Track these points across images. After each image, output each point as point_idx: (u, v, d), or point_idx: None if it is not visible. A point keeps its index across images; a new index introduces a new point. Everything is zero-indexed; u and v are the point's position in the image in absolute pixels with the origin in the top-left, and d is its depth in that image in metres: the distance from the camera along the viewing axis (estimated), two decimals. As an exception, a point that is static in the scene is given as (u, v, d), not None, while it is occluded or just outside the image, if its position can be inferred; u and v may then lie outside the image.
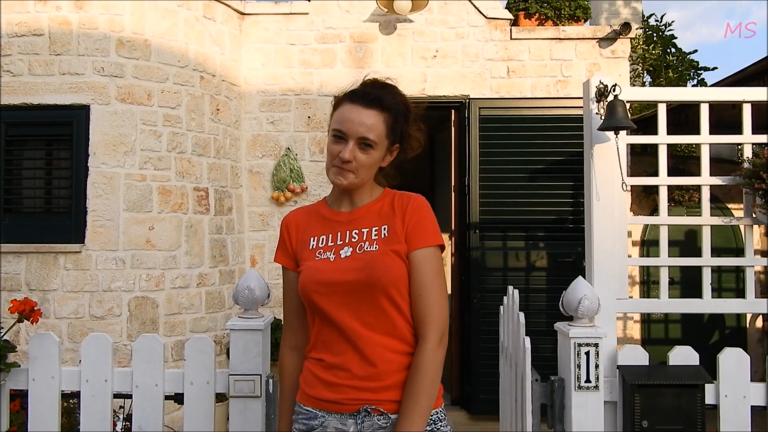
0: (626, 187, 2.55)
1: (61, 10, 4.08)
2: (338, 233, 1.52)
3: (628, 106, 2.61)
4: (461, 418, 4.64)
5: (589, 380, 2.05)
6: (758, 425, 2.25)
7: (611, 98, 2.55)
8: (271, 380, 2.06)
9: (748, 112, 2.68)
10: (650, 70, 9.52)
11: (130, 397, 2.15)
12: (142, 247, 4.12)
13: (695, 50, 12.63)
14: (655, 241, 4.61)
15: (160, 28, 4.25)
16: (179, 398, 2.14)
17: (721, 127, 3.10)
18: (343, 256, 1.47)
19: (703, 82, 10.34)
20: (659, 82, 9.51)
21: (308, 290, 1.47)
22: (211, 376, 2.11)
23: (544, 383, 2.19)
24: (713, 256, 2.74)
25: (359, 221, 1.52)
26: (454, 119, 5.01)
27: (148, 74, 4.19)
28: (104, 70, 4.09)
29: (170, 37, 4.29)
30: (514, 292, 2.48)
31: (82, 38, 4.08)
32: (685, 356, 2.21)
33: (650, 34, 10.00)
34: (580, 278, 2.15)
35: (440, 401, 1.49)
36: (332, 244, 1.51)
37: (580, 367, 2.04)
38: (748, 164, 2.71)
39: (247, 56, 4.92)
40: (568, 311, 2.12)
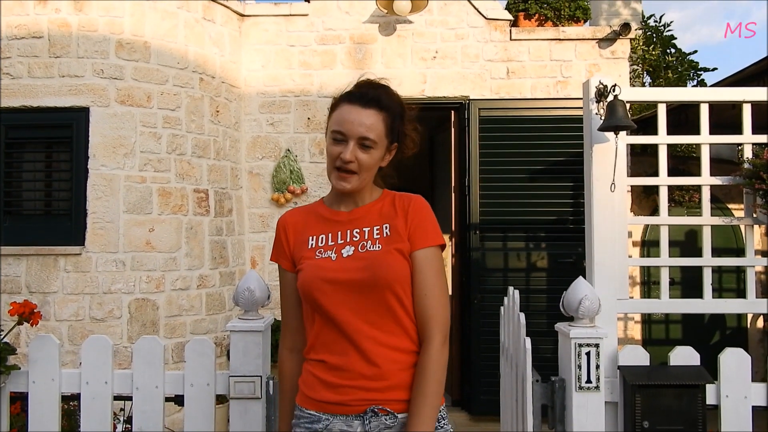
0: (614, 187, 2.54)
1: (60, 12, 4.08)
2: (338, 232, 1.51)
3: (627, 106, 2.61)
4: (462, 419, 4.64)
5: (589, 381, 2.04)
6: (759, 426, 2.24)
7: (611, 98, 2.55)
8: (271, 382, 2.06)
9: (747, 112, 2.68)
10: (650, 70, 9.53)
11: (130, 399, 2.15)
12: (142, 248, 4.12)
13: (695, 51, 12.67)
14: (655, 241, 4.60)
15: (159, 30, 4.25)
16: (179, 400, 2.14)
17: (721, 127, 3.10)
18: (345, 255, 1.47)
19: (702, 82, 10.35)
20: (659, 82, 9.52)
21: (311, 288, 1.45)
22: (211, 377, 2.11)
23: (544, 384, 2.18)
24: (714, 256, 2.73)
25: (360, 221, 1.52)
26: (453, 120, 5.01)
27: (147, 76, 4.19)
28: (104, 72, 4.09)
29: (170, 38, 4.29)
30: (514, 292, 2.48)
31: (81, 40, 4.08)
32: (685, 356, 2.21)
33: (650, 34, 10.02)
34: (580, 279, 2.15)
35: (442, 400, 1.49)
36: (333, 243, 1.50)
37: (580, 367, 2.04)
38: (748, 164, 2.71)
39: (246, 58, 4.92)
40: (568, 312, 2.12)
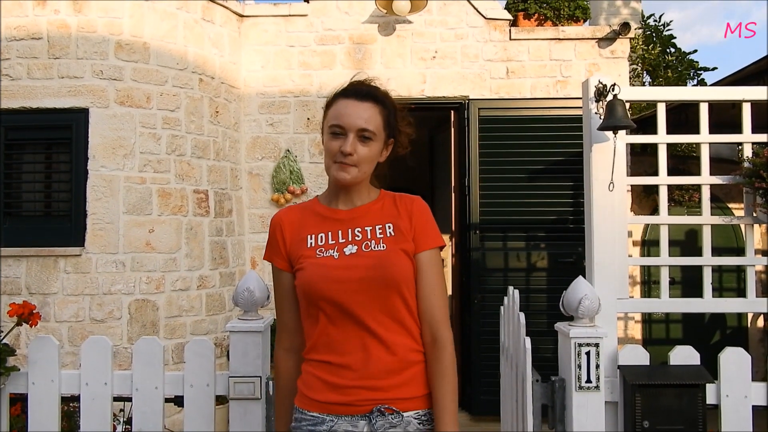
0: (612, 187, 2.54)
1: (59, 13, 4.08)
2: (339, 231, 1.50)
3: (627, 105, 2.61)
4: (462, 419, 4.63)
5: (589, 380, 2.04)
6: (759, 425, 2.24)
7: (610, 98, 2.54)
8: (271, 382, 2.05)
9: (747, 111, 2.68)
10: (650, 70, 9.53)
11: (130, 400, 2.15)
12: (142, 249, 4.12)
13: (695, 50, 12.67)
14: (655, 241, 4.59)
15: (159, 30, 4.25)
16: (179, 401, 2.14)
17: (721, 126, 3.09)
18: (347, 253, 1.46)
19: (702, 81, 10.35)
20: (659, 82, 9.52)
21: (315, 288, 1.43)
22: (210, 378, 2.11)
23: (544, 384, 2.18)
24: (714, 255, 2.73)
25: (360, 219, 1.51)
26: (453, 120, 5.01)
27: (147, 77, 4.19)
28: (103, 73, 4.09)
29: (169, 39, 4.29)
30: (514, 292, 2.48)
31: (80, 41, 4.08)
32: (686, 356, 2.21)
33: (649, 34, 10.03)
34: (580, 278, 2.14)
35: None
36: (333, 241, 1.48)
37: (580, 367, 2.04)
38: (748, 163, 2.70)
39: (246, 58, 4.92)
40: (568, 311, 2.12)
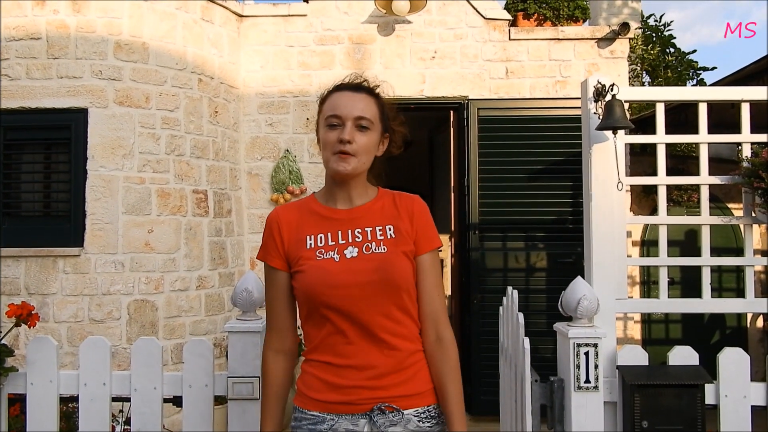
0: (621, 186, 2.54)
1: (58, 13, 4.08)
2: (338, 232, 1.48)
3: (626, 106, 2.61)
4: (462, 419, 4.62)
5: (588, 381, 2.04)
6: (758, 425, 2.23)
7: (609, 98, 2.54)
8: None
9: (746, 111, 2.67)
10: (649, 70, 9.53)
11: (129, 400, 2.14)
12: (141, 250, 4.12)
13: (694, 50, 12.65)
14: (655, 241, 4.58)
15: (158, 31, 4.24)
16: (178, 401, 2.14)
17: (721, 126, 3.09)
18: (348, 256, 1.45)
19: (702, 82, 10.34)
20: (658, 82, 9.52)
21: (316, 294, 1.43)
22: (209, 378, 2.10)
23: (543, 384, 2.18)
24: (714, 255, 2.72)
25: (360, 220, 1.50)
26: (453, 120, 5.01)
27: (146, 77, 4.19)
28: (102, 73, 4.09)
29: (168, 39, 4.28)
30: (513, 292, 2.47)
31: (79, 42, 4.08)
32: (684, 356, 2.20)
33: (649, 34, 10.02)
34: (578, 278, 2.14)
35: None
36: (333, 243, 1.47)
37: (579, 367, 2.04)
38: (747, 163, 2.70)
39: (245, 58, 4.92)
40: (567, 311, 2.12)
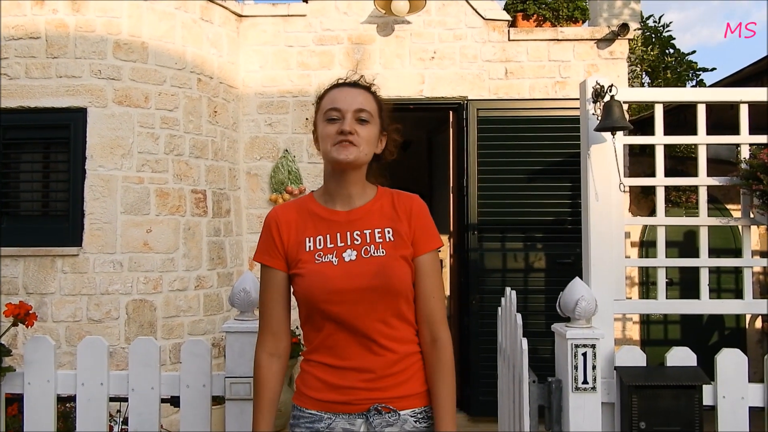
0: (622, 187, 2.54)
1: (57, 12, 4.07)
2: (337, 234, 1.48)
3: (625, 107, 2.61)
4: (460, 419, 4.63)
5: (586, 381, 2.04)
6: (756, 426, 2.24)
7: (608, 99, 2.54)
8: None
9: (745, 112, 2.67)
10: (649, 71, 9.54)
11: (126, 400, 2.14)
12: (139, 249, 4.11)
13: (694, 51, 12.67)
14: (653, 242, 4.59)
15: (157, 30, 4.24)
16: (176, 401, 2.13)
17: (721, 128, 3.09)
18: (347, 259, 1.44)
19: (701, 82, 10.36)
20: (658, 83, 9.52)
21: (315, 299, 1.43)
22: (207, 379, 2.10)
23: (541, 384, 2.18)
24: (713, 257, 2.72)
25: (359, 222, 1.49)
26: (452, 121, 5.01)
27: (145, 77, 4.19)
28: (101, 72, 4.08)
29: (168, 39, 4.28)
30: (511, 293, 2.47)
31: (79, 41, 4.07)
32: (682, 357, 2.20)
33: (649, 35, 10.03)
34: (577, 279, 2.14)
35: None
36: (332, 245, 1.46)
37: (577, 368, 2.04)
38: (745, 165, 2.70)
39: (244, 58, 4.92)
40: (565, 312, 2.12)
